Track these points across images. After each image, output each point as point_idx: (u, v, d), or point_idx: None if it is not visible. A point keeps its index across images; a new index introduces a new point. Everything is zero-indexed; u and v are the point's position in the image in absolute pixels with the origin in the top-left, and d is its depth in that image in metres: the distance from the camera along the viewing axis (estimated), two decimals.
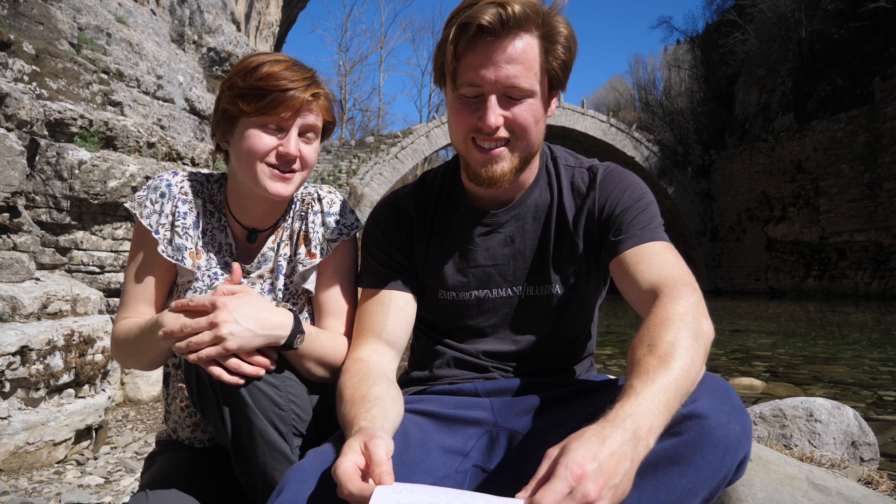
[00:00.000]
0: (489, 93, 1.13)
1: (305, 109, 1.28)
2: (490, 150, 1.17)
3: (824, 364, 6.13)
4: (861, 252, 19.38)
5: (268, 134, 1.26)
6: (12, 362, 2.43)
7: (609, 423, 0.79)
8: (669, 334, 0.93)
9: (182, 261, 1.32)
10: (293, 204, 1.42)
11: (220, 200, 1.40)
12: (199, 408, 1.20)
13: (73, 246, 3.80)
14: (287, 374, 1.18)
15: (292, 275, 1.37)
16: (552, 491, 0.72)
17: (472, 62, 1.12)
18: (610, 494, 0.74)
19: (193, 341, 1.09)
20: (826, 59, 21.99)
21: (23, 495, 2.22)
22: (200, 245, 1.36)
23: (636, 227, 1.19)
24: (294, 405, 1.17)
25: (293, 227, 1.39)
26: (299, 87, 1.25)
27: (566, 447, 0.76)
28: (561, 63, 1.17)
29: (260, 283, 1.37)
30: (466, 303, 1.31)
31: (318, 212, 1.39)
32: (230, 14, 11.96)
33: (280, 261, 1.37)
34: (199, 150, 4.99)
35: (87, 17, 5.99)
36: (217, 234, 1.38)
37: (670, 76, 41.42)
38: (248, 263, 1.38)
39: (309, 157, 1.31)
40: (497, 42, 1.11)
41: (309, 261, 1.35)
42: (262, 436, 1.13)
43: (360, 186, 24.33)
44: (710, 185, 27.11)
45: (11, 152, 2.88)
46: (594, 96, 63.25)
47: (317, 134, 1.34)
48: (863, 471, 1.93)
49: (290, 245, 1.38)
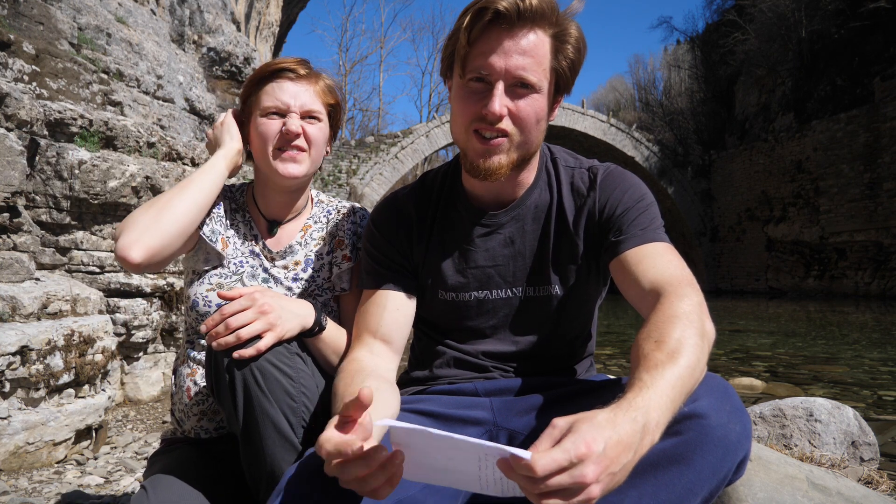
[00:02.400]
0: (496, 80, 1.13)
1: (302, 90, 1.39)
2: (490, 140, 1.17)
3: (824, 364, 6.13)
4: (861, 252, 19.38)
5: (272, 121, 1.37)
6: (12, 362, 2.43)
7: (622, 412, 0.78)
8: (677, 331, 0.93)
9: (215, 242, 1.42)
10: (328, 211, 1.54)
11: (243, 201, 1.52)
12: (215, 395, 1.22)
13: (73, 246, 3.80)
14: (301, 366, 1.20)
15: (320, 270, 1.47)
16: (551, 459, 0.71)
17: (484, 49, 1.13)
18: (606, 480, 0.73)
19: (246, 332, 1.13)
20: (826, 59, 21.99)
21: (23, 495, 2.22)
22: (228, 236, 1.46)
23: (637, 228, 1.19)
24: (305, 398, 1.18)
25: (327, 229, 1.51)
26: (293, 64, 1.38)
27: (576, 424, 0.75)
28: (569, 64, 1.18)
29: (284, 273, 1.45)
30: (466, 303, 1.31)
31: (353, 222, 1.51)
32: (230, 14, 11.96)
33: (310, 256, 1.47)
34: (199, 150, 4.98)
35: (87, 17, 6.00)
36: (242, 227, 1.49)
37: (670, 76, 41.40)
38: (273, 250, 1.48)
39: (314, 135, 1.40)
40: (510, 31, 1.12)
41: (344, 264, 1.46)
42: (273, 425, 1.14)
43: (360, 186, 24.33)
44: (710, 185, 27.11)
45: (11, 152, 2.88)
46: (594, 96, 63.25)
47: (319, 118, 1.42)
48: (863, 471, 1.93)
49: (322, 245, 1.49)
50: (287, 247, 1.47)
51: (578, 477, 0.70)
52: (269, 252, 1.46)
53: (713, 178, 27.02)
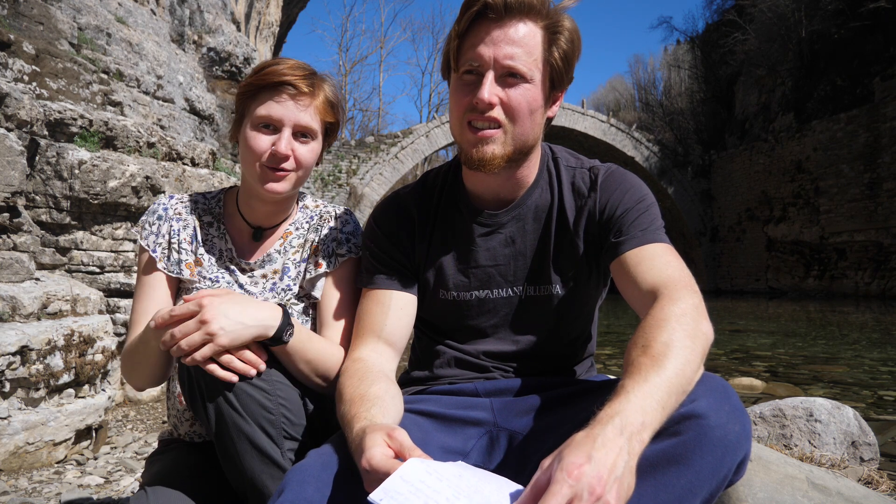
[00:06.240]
0: (486, 70, 1.14)
1: (299, 107, 1.33)
2: (481, 130, 1.17)
3: (824, 364, 6.13)
4: (861, 252, 19.37)
5: (264, 134, 1.33)
6: (12, 362, 2.43)
7: (597, 423, 0.80)
8: (664, 335, 0.94)
9: (180, 273, 1.41)
10: (311, 217, 1.49)
11: (219, 212, 1.48)
12: (191, 407, 1.21)
13: (73, 246, 3.80)
14: (277, 377, 1.18)
15: (297, 277, 1.43)
16: (553, 494, 0.71)
17: (474, 41, 1.15)
18: (616, 487, 0.73)
19: (185, 343, 1.10)
20: (826, 59, 21.98)
21: (23, 495, 2.22)
22: (201, 253, 1.44)
23: (637, 229, 1.19)
24: (284, 408, 1.16)
25: (307, 236, 1.46)
26: (295, 79, 1.32)
27: (560, 454, 0.76)
28: (563, 56, 1.17)
29: (263, 282, 1.42)
30: (467, 303, 1.31)
31: (332, 227, 1.46)
32: (230, 14, 11.96)
33: (288, 264, 1.43)
34: (199, 150, 4.98)
35: (87, 17, 6.00)
36: (216, 241, 1.46)
37: (670, 76, 41.41)
38: (250, 261, 1.44)
39: (303, 157, 1.36)
40: (499, 22, 1.13)
41: (315, 270, 1.42)
42: (249, 440, 1.13)
43: (360, 186, 24.33)
44: (710, 185, 27.12)
45: (11, 152, 2.88)
46: (594, 96, 63.30)
47: (312, 136, 1.37)
48: (863, 471, 1.93)
49: (300, 252, 1.45)
50: (266, 255, 1.44)
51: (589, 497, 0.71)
52: (247, 264, 1.43)
53: (713, 178, 27.02)
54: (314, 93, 1.35)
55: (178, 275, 1.40)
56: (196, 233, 1.44)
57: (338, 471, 0.97)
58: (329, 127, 1.42)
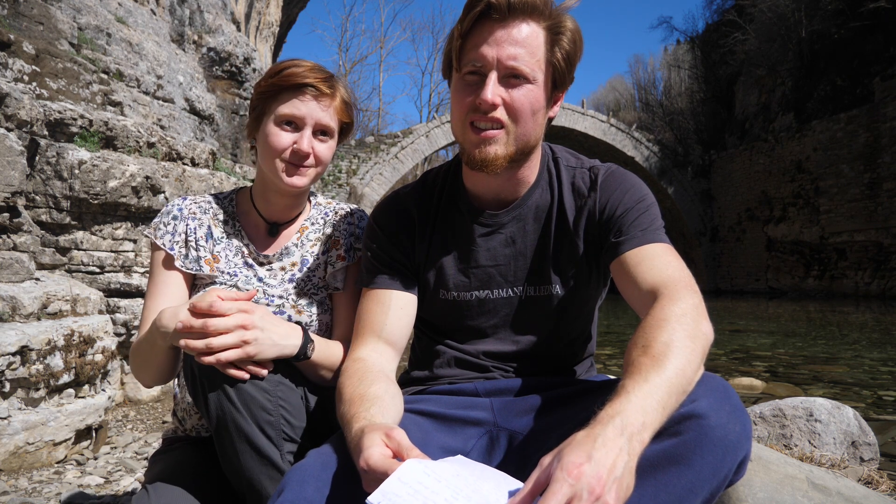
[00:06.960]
0: (489, 70, 1.14)
1: (321, 107, 1.39)
2: (484, 131, 1.17)
3: (824, 364, 6.13)
4: (861, 252, 19.37)
5: (285, 132, 1.39)
6: (12, 362, 2.43)
7: (598, 423, 0.80)
8: (664, 335, 0.94)
9: (200, 269, 1.44)
10: (325, 213, 1.56)
11: (233, 211, 1.54)
12: (192, 396, 1.22)
13: (73, 246, 3.80)
14: (279, 379, 1.19)
15: (316, 269, 1.49)
16: (553, 493, 0.71)
17: (477, 41, 1.15)
18: (615, 487, 0.74)
19: (216, 343, 1.10)
20: (826, 59, 21.98)
21: (23, 495, 2.22)
22: (218, 250, 1.48)
23: (637, 229, 1.19)
24: (284, 410, 1.17)
25: (324, 230, 1.53)
26: (317, 81, 1.38)
27: (560, 453, 0.76)
28: (565, 57, 1.18)
29: (281, 274, 1.47)
30: (467, 303, 1.31)
31: (350, 223, 1.53)
32: (230, 14, 11.97)
33: (306, 256, 1.49)
34: (199, 149, 4.98)
35: (87, 17, 6.00)
36: (232, 238, 1.51)
37: (670, 76, 41.40)
38: (267, 254, 1.49)
39: (322, 154, 1.43)
40: (502, 23, 1.13)
41: (339, 263, 1.48)
42: (248, 440, 1.13)
43: (360, 186, 24.33)
44: (710, 185, 27.12)
45: (11, 152, 2.88)
46: (594, 96, 63.33)
47: (331, 134, 1.44)
48: (863, 471, 1.93)
49: (317, 245, 1.51)
50: (283, 248, 1.49)
51: (589, 496, 0.71)
52: (265, 258, 1.48)
53: (713, 178, 27.02)
54: (333, 94, 1.42)
55: (197, 271, 1.44)
56: (211, 231, 1.49)
57: (337, 470, 0.97)
58: (344, 127, 1.49)
